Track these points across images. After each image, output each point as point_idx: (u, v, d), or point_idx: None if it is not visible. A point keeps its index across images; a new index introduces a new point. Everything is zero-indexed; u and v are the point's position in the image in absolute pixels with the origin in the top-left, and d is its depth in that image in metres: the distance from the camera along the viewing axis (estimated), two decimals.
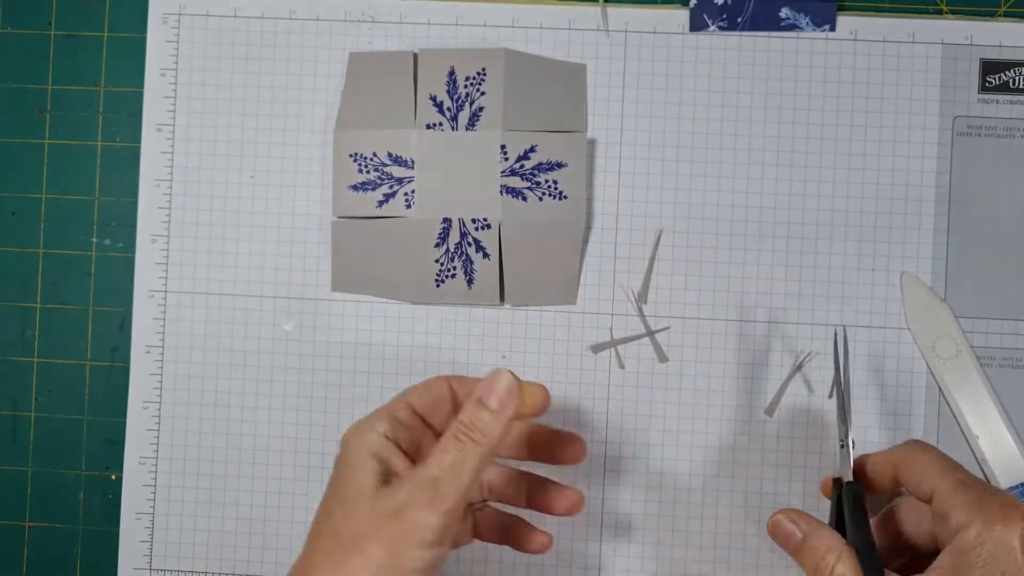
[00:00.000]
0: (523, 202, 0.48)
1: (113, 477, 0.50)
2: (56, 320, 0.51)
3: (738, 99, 0.49)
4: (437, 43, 0.50)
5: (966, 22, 0.49)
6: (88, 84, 0.51)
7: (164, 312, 0.50)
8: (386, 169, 0.49)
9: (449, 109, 0.49)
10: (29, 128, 0.51)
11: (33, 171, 0.51)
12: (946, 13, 0.49)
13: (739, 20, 0.49)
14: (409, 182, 0.49)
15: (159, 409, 0.50)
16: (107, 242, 0.51)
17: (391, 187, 0.49)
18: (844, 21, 0.49)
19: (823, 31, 0.49)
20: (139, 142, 0.50)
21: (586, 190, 0.49)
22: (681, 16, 0.49)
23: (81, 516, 0.50)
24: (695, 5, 0.49)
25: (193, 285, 0.50)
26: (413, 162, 0.49)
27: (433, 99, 0.49)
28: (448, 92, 0.49)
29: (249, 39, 0.50)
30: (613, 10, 0.49)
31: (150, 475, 0.50)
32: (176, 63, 0.50)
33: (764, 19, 0.49)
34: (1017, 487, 0.47)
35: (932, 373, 0.48)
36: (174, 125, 0.50)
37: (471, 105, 0.48)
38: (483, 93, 0.48)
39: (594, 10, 0.49)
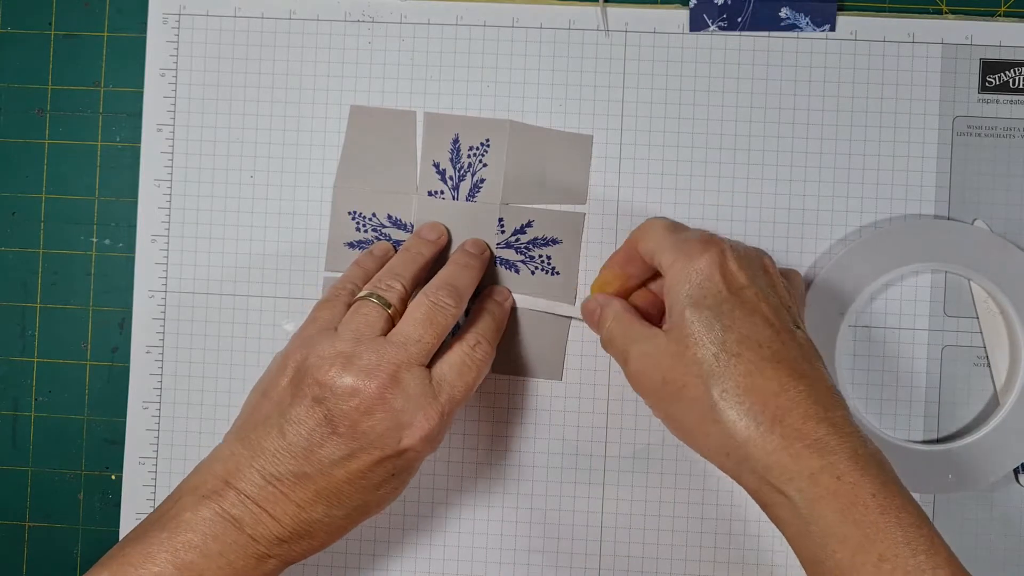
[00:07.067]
0: (516, 274, 0.49)
1: (113, 477, 0.50)
2: (56, 320, 0.51)
3: (738, 99, 0.49)
4: (436, 43, 0.50)
5: (966, 22, 0.49)
6: (88, 84, 0.51)
7: (164, 312, 0.50)
8: (384, 230, 0.49)
9: (451, 177, 0.49)
10: (29, 128, 0.51)
11: (33, 171, 0.51)
12: (946, 13, 0.49)
13: (739, 20, 0.49)
14: None
15: (159, 409, 0.50)
16: (107, 242, 0.51)
17: None
18: (844, 21, 0.49)
19: (823, 31, 0.49)
20: (139, 142, 0.50)
21: (578, 266, 0.49)
22: (681, 16, 0.49)
23: (81, 516, 0.50)
24: (695, 5, 0.49)
25: (193, 285, 0.50)
26: (412, 226, 0.49)
27: (436, 166, 0.49)
28: (451, 160, 0.49)
29: (249, 39, 0.50)
30: (613, 10, 0.49)
31: (150, 475, 0.50)
32: (176, 63, 0.50)
33: (764, 19, 0.49)
34: None
35: (980, 325, 0.48)
36: (174, 125, 0.50)
37: (473, 176, 0.49)
38: (485, 165, 0.49)
39: (594, 10, 0.49)
